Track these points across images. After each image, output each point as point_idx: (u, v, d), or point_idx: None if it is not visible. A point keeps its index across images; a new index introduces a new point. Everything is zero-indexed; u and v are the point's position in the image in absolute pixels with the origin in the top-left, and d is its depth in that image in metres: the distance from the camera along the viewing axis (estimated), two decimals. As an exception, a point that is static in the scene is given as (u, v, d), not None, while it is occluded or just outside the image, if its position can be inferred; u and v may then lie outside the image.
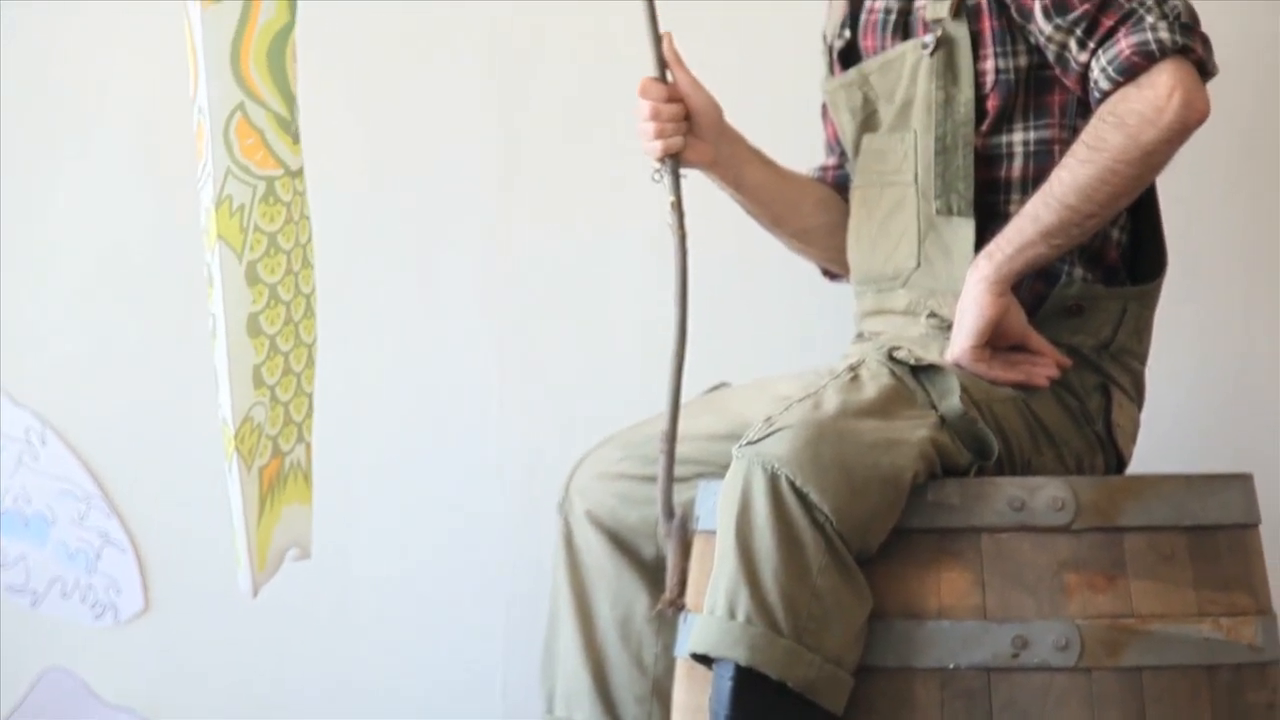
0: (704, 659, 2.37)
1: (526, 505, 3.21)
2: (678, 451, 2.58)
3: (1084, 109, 2.56)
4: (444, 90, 3.25)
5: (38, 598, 3.27)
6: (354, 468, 3.23)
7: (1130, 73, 2.48)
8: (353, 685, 3.24)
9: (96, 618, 3.26)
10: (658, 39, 2.61)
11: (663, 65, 2.63)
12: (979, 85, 2.59)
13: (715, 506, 2.42)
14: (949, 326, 2.57)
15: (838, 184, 2.85)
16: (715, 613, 2.35)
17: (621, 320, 3.21)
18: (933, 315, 2.61)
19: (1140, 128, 2.47)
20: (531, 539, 3.19)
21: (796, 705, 2.33)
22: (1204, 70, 2.49)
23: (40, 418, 3.28)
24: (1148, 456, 2.76)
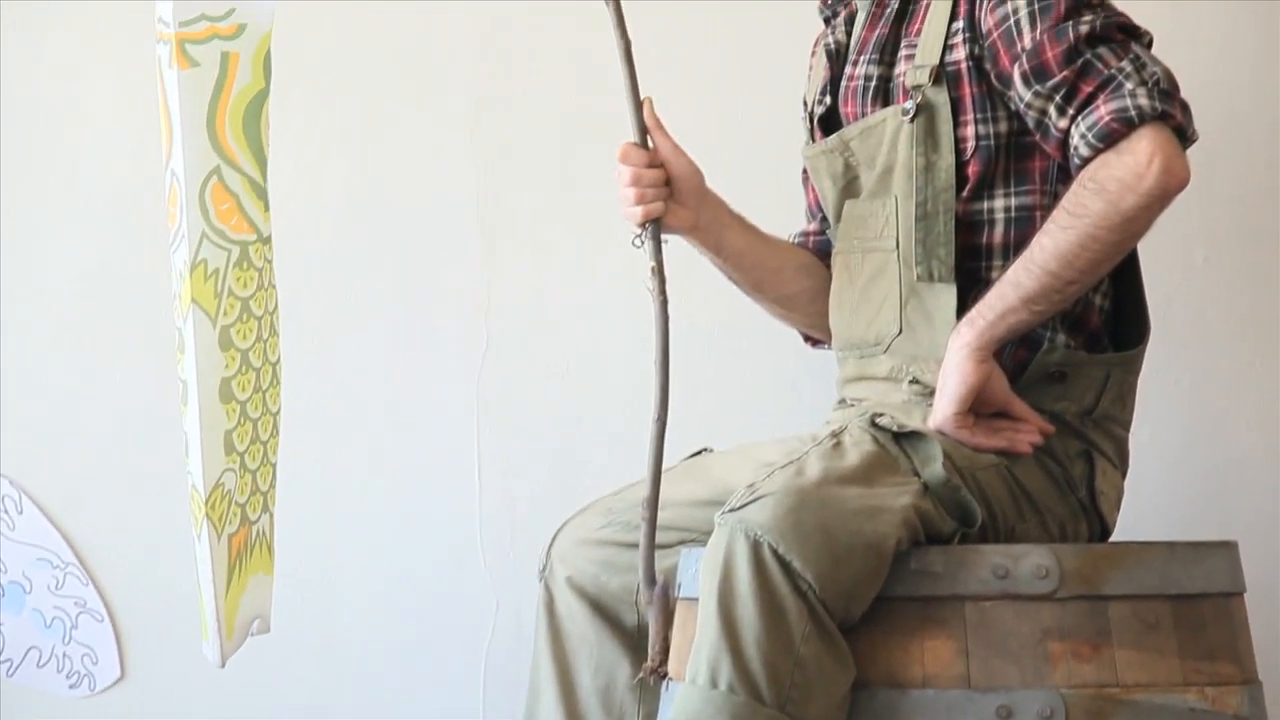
0: (686, 728, 2.36)
1: (507, 572, 3.19)
2: (660, 518, 2.57)
3: (1065, 175, 2.56)
4: (424, 153, 3.25)
5: (13, 666, 3.25)
6: (332, 536, 3.22)
7: (1110, 139, 2.48)
8: (331, 756, 3.22)
9: (72, 687, 3.24)
10: (638, 104, 2.61)
11: (643, 130, 2.63)
12: (960, 151, 2.59)
13: (697, 573, 2.41)
14: (931, 392, 2.56)
15: (819, 250, 2.84)
16: (697, 681, 2.33)
17: (603, 384, 3.21)
18: (915, 381, 2.60)
19: (1121, 194, 2.46)
20: (512, 606, 3.18)
21: (779, 775, 2.31)
22: (1183, 136, 2.49)
23: (17, 485, 3.26)
24: (1133, 523, 2.75)
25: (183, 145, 2.52)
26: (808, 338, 2.91)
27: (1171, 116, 2.48)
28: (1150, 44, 2.55)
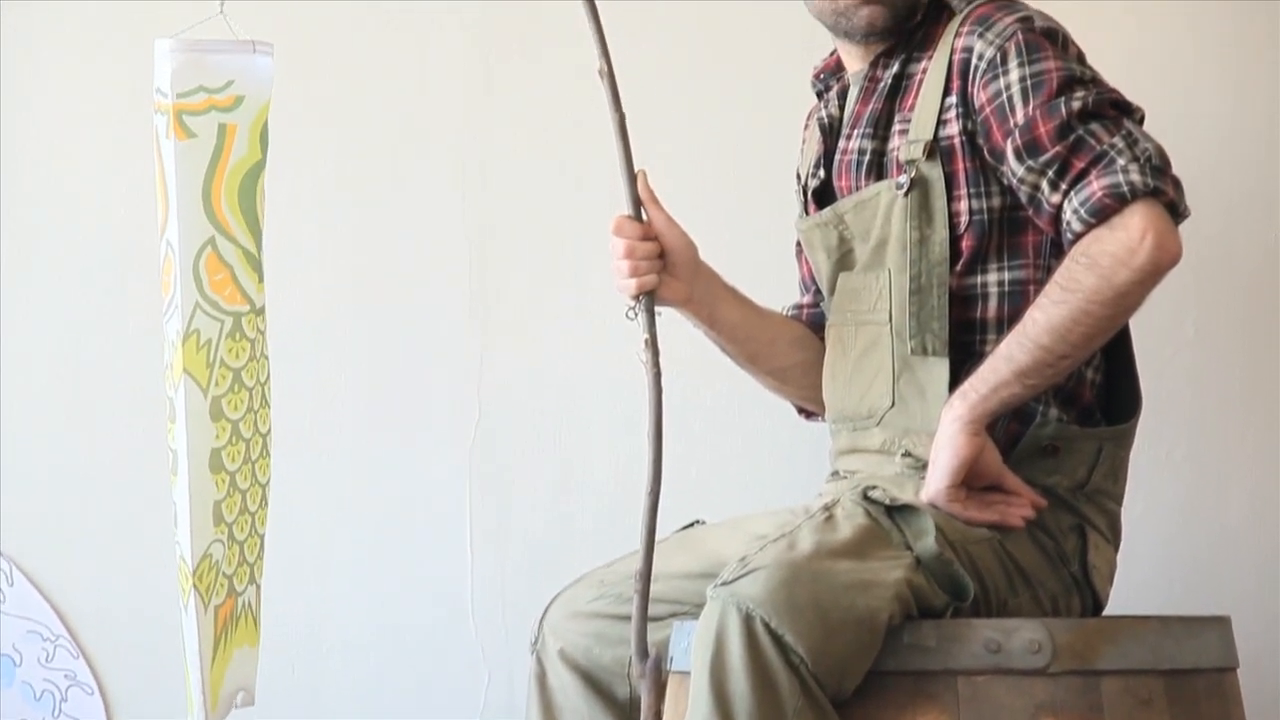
0: (677, 803, 2.35)
1: (499, 644, 3.18)
2: (652, 590, 2.56)
3: (1057, 249, 2.57)
4: (417, 223, 3.25)
5: (2, 739, 3.24)
6: (322, 605, 3.21)
7: (1102, 214, 2.48)
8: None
9: (61, 759, 3.23)
10: (632, 177, 2.62)
11: (637, 203, 2.64)
12: (953, 225, 2.60)
13: (690, 647, 2.40)
14: (924, 466, 2.56)
15: (813, 322, 2.85)
16: (689, 756, 2.33)
17: (595, 457, 3.20)
18: (908, 455, 2.60)
19: (1113, 269, 2.47)
20: (504, 678, 3.16)
21: None
22: (1175, 212, 2.50)
23: (8, 557, 3.25)
24: (1126, 597, 2.74)
25: (178, 215, 2.53)
26: (801, 410, 2.91)
27: (1164, 192, 2.48)
28: (1142, 120, 2.56)
